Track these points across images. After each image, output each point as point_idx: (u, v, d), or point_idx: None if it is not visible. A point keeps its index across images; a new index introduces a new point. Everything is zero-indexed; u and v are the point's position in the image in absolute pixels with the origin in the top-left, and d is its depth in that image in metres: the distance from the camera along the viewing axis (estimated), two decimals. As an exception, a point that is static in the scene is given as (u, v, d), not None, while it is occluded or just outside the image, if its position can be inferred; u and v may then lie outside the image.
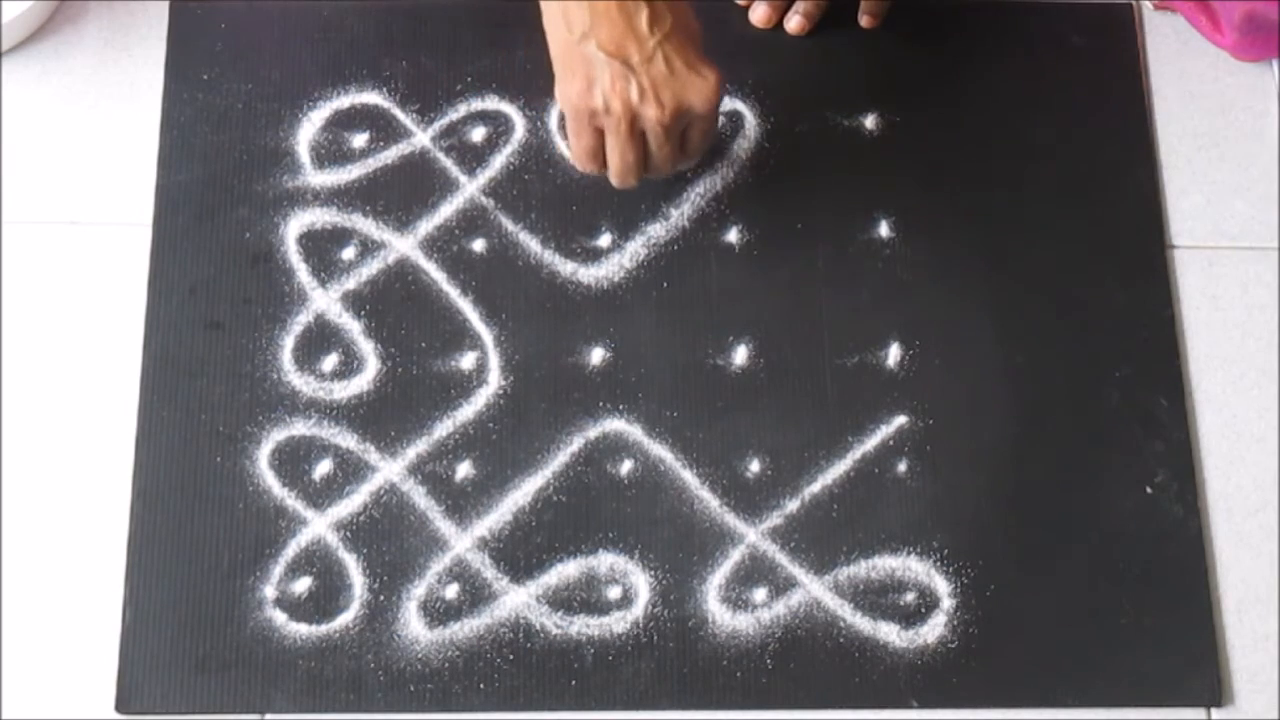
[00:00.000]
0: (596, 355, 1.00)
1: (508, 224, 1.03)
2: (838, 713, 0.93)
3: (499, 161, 1.04)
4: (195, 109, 1.04)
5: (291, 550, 0.95)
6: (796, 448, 0.98)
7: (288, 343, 0.99)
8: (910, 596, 0.95)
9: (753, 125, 1.06)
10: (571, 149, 0.94)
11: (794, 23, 1.07)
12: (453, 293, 1.01)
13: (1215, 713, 0.94)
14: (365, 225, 1.02)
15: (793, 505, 0.97)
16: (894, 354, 1.01)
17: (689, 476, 0.97)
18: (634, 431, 0.98)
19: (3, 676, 0.92)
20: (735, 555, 0.96)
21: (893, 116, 1.06)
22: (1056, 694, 0.94)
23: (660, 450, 0.98)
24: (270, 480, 0.96)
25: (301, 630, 0.93)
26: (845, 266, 1.02)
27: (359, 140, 1.04)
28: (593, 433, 0.98)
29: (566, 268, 1.02)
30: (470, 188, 1.03)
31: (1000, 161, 1.06)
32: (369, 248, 1.02)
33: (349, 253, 1.01)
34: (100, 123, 1.04)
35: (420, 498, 0.96)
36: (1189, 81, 1.09)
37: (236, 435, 0.97)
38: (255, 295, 1.00)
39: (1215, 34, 1.09)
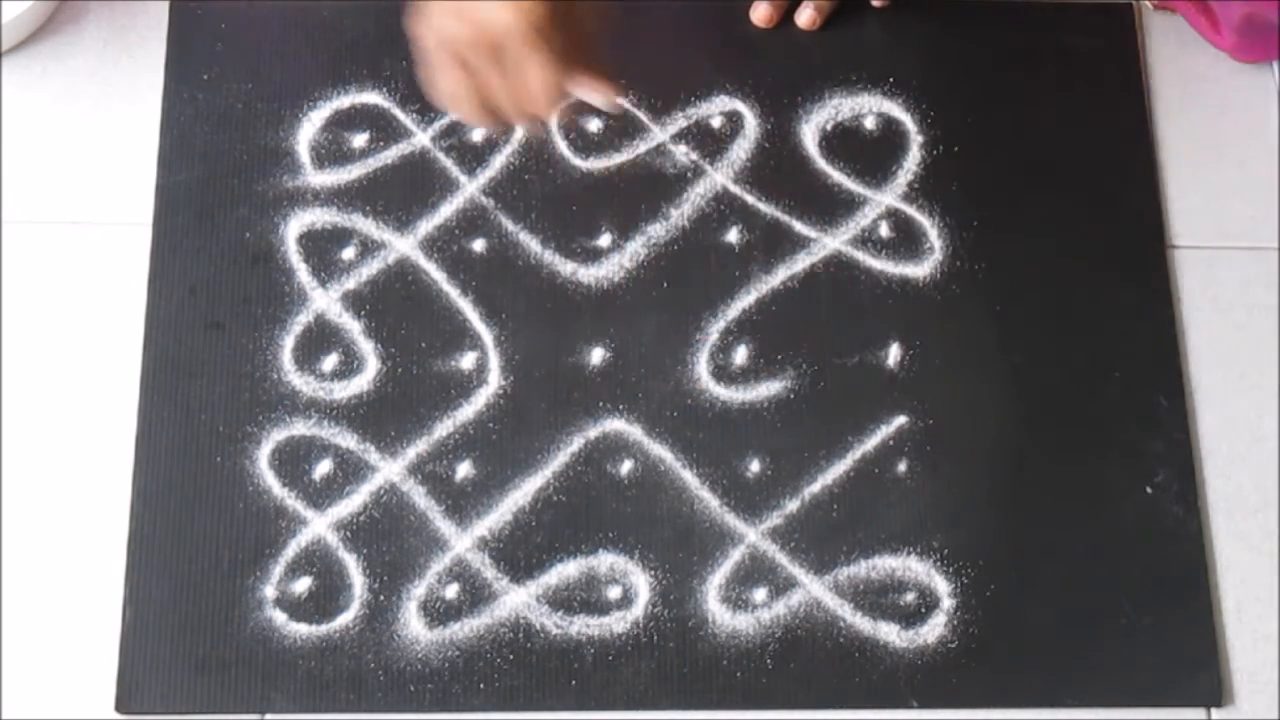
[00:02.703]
0: (596, 355, 1.00)
1: (508, 224, 1.03)
2: (838, 713, 0.93)
3: (499, 161, 1.04)
4: (195, 109, 1.04)
5: (291, 550, 0.95)
6: (796, 448, 0.98)
7: (288, 343, 0.99)
8: (910, 596, 0.95)
9: (753, 125, 1.06)
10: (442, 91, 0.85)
11: (805, 16, 1.07)
12: (453, 293, 1.01)
13: (1215, 713, 0.94)
14: (365, 225, 1.02)
15: (793, 505, 0.97)
16: (894, 354, 1.01)
17: (689, 476, 0.97)
18: (634, 431, 0.98)
19: (3, 676, 0.92)
20: (735, 555, 0.96)
21: (893, 117, 1.06)
22: (1056, 694, 0.94)
23: (660, 450, 0.98)
24: (270, 480, 0.96)
25: (301, 630, 0.93)
26: (846, 267, 1.02)
27: (359, 140, 1.04)
28: (593, 433, 0.98)
29: (566, 268, 1.02)
30: (470, 188, 1.04)
31: (1000, 161, 1.06)
32: (369, 248, 1.02)
33: (349, 253, 1.01)
34: (100, 123, 1.04)
35: (420, 498, 0.96)
36: (1189, 81, 1.09)
37: (236, 435, 0.97)
38: (255, 295, 1.00)
39: (1215, 35, 1.09)
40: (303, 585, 0.94)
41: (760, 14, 1.08)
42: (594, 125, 1.05)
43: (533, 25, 0.80)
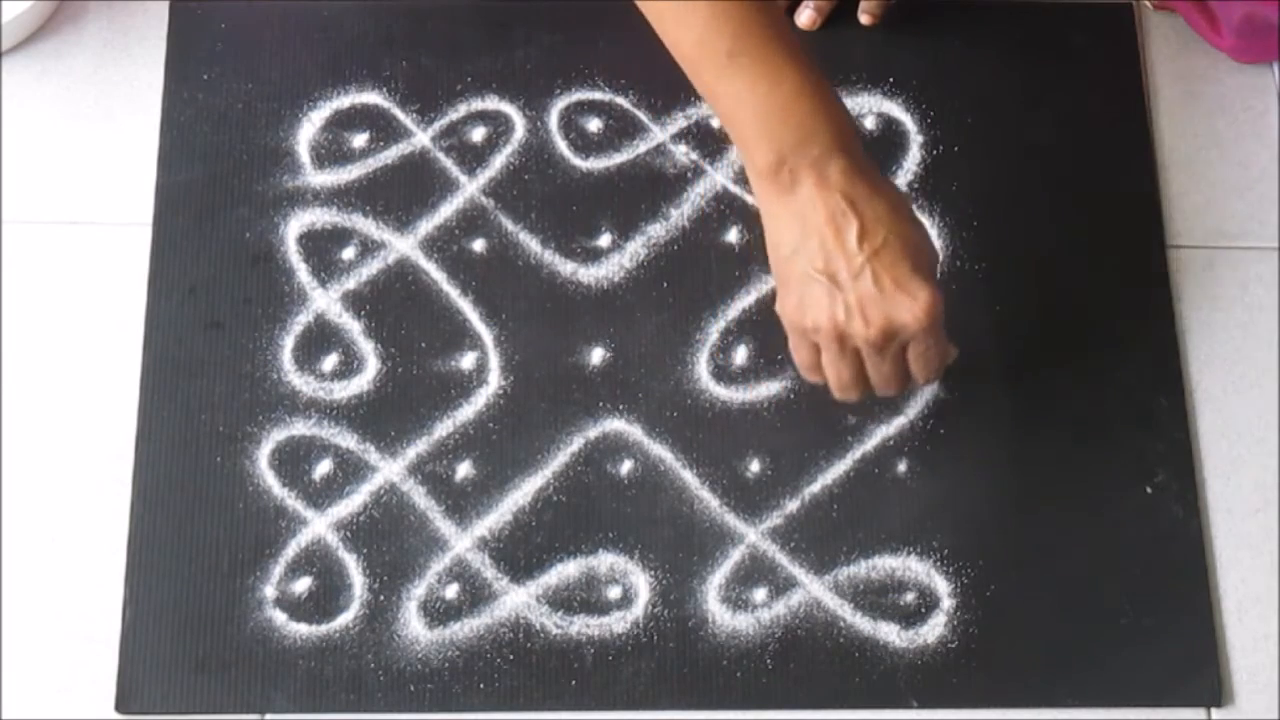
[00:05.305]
0: (596, 355, 1.00)
1: (508, 224, 1.03)
2: (838, 713, 0.93)
3: (499, 161, 1.04)
4: (195, 109, 1.04)
5: (291, 550, 0.95)
6: (796, 448, 0.98)
7: (288, 343, 0.99)
8: (910, 596, 0.95)
9: (753, 125, 1.05)
10: (794, 358, 0.92)
11: (805, 17, 1.07)
12: (453, 293, 1.01)
13: (1215, 713, 0.94)
14: (365, 225, 1.02)
15: (793, 505, 0.97)
16: (894, 354, 1.01)
17: (689, 476, 0.97)
18: (634, 431, 0.98)
19: (3, 676, 0.92)
20: (735, 555, 0.96)
21: (893, 117, 1.06)
22: (1056, 694, 0.94)
23: (660, 450, 0.98)
24: (270, 480, 0.96)
25: (301, 630, 0.93)
26: (845, 266, 1.02)
27: (359, 140, 1.04)
28: (593, 433, 0.98)
29: (566, 268, 1.02)
30: (470, 188, 1.04)
31: (1000, 161, 1.06)
32: (369, 248, 1.02)
33: (349, 253, 1.01)
34: (100, 123, 1.04)
35: (420, 498, 0.96)
36: (1189, 81, 1.09)
37: (236, 435, 0.97)
38: (255, 295, 1.00)
39: (1214, 36, 1.09)
40: (303, 585, 0.94)
41: (760, 14, 1.08)
42: (594, 125, 1.05)
43: (933, 324, 0.86)
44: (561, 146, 1.05)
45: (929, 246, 0.87)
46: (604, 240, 1.03)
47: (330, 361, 0.99)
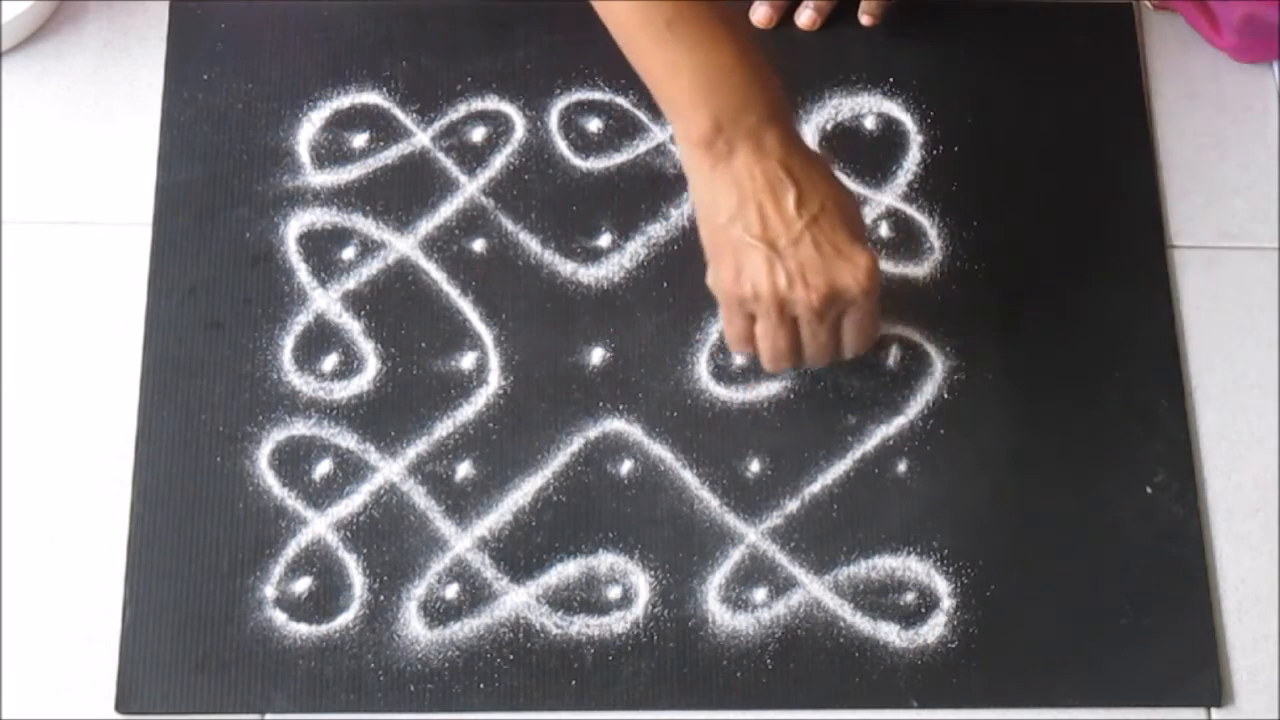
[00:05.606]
0: (596, 355, 1.00)
1: (508, 224, 1.03)
2: (838, 713, 0.93)
3: (499, 161, 1.04)
4: (195, 109, 1.04)
5: (291, 550, 0.95)
6: (796, 448, 0.98)
7: (288, 343, 0.99)
8: (910, 596, 0.95)
9: (753, 125, 1.05)
10: (725, 331, 0.92)
11: (805, 17, 1.07)
12: (453, 293, 1.01)
13: (1215, 713, 0.94)
14: (365, 225, 1.02)
15: (793, 505, 0.97)
16: (893, 354, 1.01)
17: (689, 476, 0.97)
18: (634, 431, 0.98)
19: (3, 676, 0.92)
20: (735, 555, 0.96)
21: (893, 117, 1.06)
22: (1056, 694, 0.94)
23: (660, 450, 0.98)
24: (270, 480, 0.96)
25: (301, 630, 0.93)
26: (845, 266, 1.02)
27: (359, 140, 1.04)
28: (593, 433, 0.98)
29: (566, 268, 1.02)
30: (470, 188, 1.04)
31: (1000, 161, 1.06)
32: (369, 248, 1.02)
33: (349, 253, 1.01)
34: (100, 123, 1.04)
35: (420, 498, 0.96)
36: (1189, 81, 1.09)
37: (236, 435, 0.97)
38: (255, 295, 1.00)
39: (1214, 36, 1.09)
40: (303, 585, 0.94)
41: (759, 15, 1.08)
42: (594, 125, 1.05)
43: (873, 288, 0.86)
44: (561, 146, 1.05)
45: (860, 214, 0.88)
46: (604, 240, 1.03)
47: (330, 361, 0.99)
